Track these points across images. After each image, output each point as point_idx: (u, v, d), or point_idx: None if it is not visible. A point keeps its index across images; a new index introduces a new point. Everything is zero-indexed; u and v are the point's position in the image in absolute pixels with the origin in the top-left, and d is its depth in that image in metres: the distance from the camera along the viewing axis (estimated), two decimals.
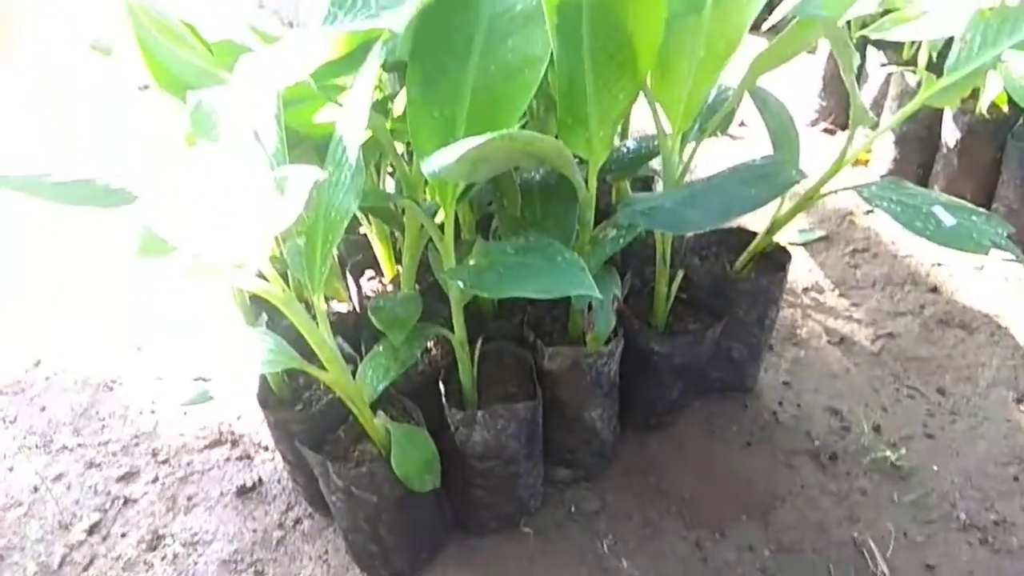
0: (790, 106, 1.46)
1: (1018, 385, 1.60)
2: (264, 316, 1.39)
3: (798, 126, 1.43)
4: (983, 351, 1.69)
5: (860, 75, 2.29)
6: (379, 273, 1.51)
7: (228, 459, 1.54)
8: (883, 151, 2.21)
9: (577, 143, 1.16)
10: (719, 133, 1.35)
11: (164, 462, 1.54)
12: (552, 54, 1.06)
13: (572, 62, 1.09)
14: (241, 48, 1.36)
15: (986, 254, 1.13)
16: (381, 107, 1.29)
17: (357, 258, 1.52)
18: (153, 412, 1.66)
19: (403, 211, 1.29)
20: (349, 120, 0.93)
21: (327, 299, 1.48)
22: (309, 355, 1.06)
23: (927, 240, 1.16)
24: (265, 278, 0.91)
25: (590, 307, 1.21)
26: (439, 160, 0.88)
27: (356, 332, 1.36)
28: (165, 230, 0.83)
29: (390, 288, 1.49)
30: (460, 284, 1.03)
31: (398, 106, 1.32)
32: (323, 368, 1.04)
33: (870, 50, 2.24)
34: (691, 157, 1.29)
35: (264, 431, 1.58)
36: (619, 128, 1.38)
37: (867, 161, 2.29)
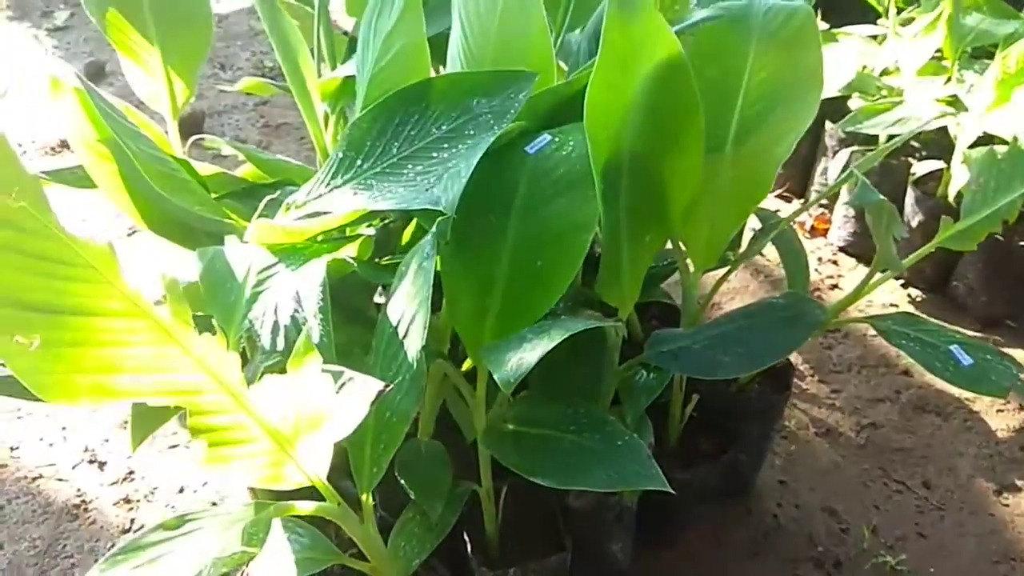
0: None
1: (996, 475, 1.67)
2: None
3: None
4: (959, 439, 1.75)
5: (818, 149, 2.35)
6: None
7: None
8: (843, 223, 2.27)
9: (611, 295, 1.14)
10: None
11: None
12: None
13: (612, 223, 1.05)
14: (234, 180, 1.27)
15: (1005, 397, 1.16)
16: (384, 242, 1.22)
17: None
18: None
19: None
20: (406, 319, 0.87)
21: None
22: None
23: (947, 382, 1.19)
24: (322, 496, 0.84)
25: None
26: (515, 367, 0.83)
27: None
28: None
29: None
30: (513, 467, 0.98)
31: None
32: (366, 560, 0.98)
33: (827, 125, 2.29)
34: (713, 291, 1.28)
35: None
36: None
37: (826, 231, 2.35)
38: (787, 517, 1.58)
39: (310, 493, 0.85)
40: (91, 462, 1.71)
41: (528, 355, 0.83)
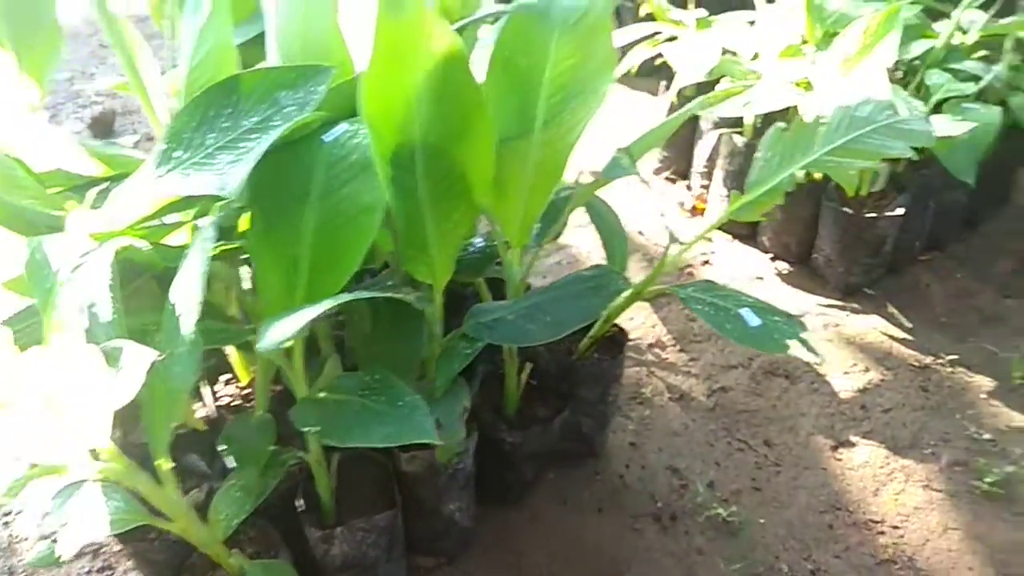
0: None
1: (834, 432, 1.80)
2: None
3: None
4: (804, 400, 1.88)
5: (695, 133, 2.46)
6: (236, 377, 1.53)
7: (89, 572, 1.51)
8: (720, 202, 2.39)
9: (419, 270, 1.23)
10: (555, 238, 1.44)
11: None
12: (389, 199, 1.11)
13: (408, 202, 1.14)
14: (72, 176, 1.34)
15: (785, 353, 1.27)
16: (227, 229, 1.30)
17: (211, 362, 1.52)
18: (5, 524, 1.60)
19: None
20: (182, 296, 0.95)
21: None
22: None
23: (734, 341, 1.30)
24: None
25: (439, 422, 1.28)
26: (276, 336, 0.92)
27: (213, 442, 1.37)
28: None
29: (247, 392, 1.51)
30: (312, 432, 1.07)
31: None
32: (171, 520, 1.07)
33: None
34: (530, 265, 1.38)
35: None
36: None
37: (703, 211, 2.47)
38: (633, 477, 1.69)
39: None
40: None
41: (290, 326, 0.92)
